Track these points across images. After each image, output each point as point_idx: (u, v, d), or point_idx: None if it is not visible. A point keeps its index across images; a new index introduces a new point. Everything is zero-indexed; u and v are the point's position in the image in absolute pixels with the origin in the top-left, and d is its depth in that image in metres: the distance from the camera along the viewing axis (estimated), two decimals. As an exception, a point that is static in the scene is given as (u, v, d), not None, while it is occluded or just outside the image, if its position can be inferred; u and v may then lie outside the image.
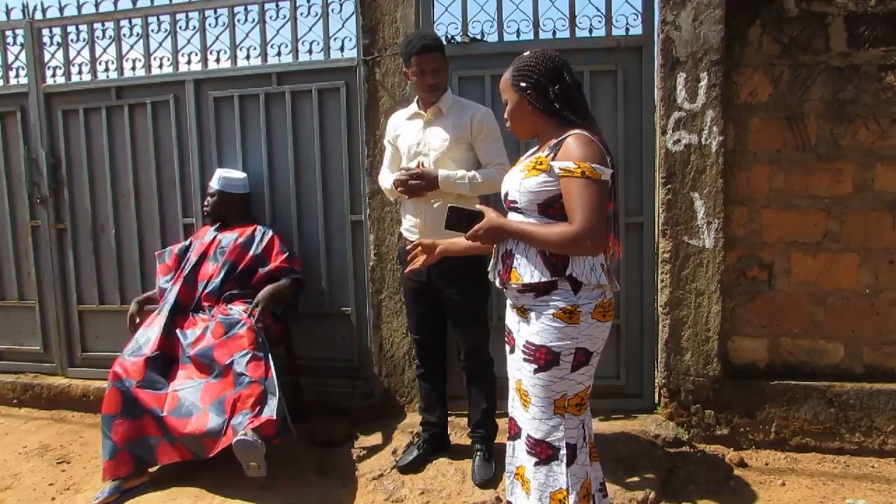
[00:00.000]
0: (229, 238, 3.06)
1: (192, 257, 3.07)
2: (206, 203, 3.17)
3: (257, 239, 3.06)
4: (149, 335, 2.81)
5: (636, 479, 2.49)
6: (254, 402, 2.48)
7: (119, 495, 2.53)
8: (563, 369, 1.73)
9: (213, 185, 3.14)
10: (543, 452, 1.77)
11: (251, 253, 3.02)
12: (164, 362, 2.72)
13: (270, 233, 3.08)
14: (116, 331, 3.46)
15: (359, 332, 3.30)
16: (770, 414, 2.81)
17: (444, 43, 2.97)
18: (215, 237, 3.10)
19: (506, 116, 1.85)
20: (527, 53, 1.80)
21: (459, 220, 1.81)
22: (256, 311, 2.78)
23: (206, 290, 2.96)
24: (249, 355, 2.60)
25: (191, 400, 2.56)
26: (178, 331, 2.81)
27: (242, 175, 3.25)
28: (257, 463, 2.41)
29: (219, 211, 3.13)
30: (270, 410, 2.48)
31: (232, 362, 2.59)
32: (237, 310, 2.85)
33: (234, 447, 2.38)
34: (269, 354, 2.67)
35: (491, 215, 1.79)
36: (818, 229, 2.80)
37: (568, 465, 1.75)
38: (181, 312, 2.92)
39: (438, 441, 2.75)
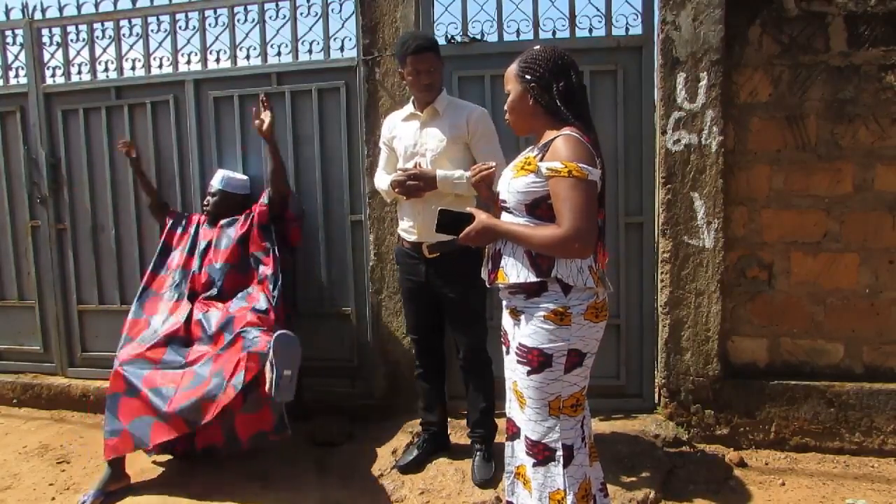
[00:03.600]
0: (234, 225, 3.06)
1: (201, 242, 3.07)
2: (206, 202, 3.16)
3: (249, 213, 3.07)
4: (161, 321, 2.86)
5: (636, 478, 2.49)
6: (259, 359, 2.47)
7: (103, 498, 2.52)
8: (556, 371, 1.72)
9: (216, 184, 3.13)
10: (540, 454, 1.77)
11: (248, 224, 3.03)
12: (184, 344, 2.75)
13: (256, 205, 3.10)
14: (116, 331, 3.42)
15: (359, 332, 3.29)
16: (770, 414, 2.81)
17: (444, 42, 2.98)
18: (218, 225, 3.10)
19: (506, 108, 1.84)
20: (537, 47, 1.79)
21: (450, 222, 1.81)
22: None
23: (221, 277, 2.95)
24: (262, 330, 2.61)
25: (201, 373, 2.56)
26: (199, 314, 2.82)
27: (244, 177, 3.25)
28: (291, 372, 2.35)
29: (219, 210, 3.13)
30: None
31: (242, 332, 2.60)
32: (257, 294, 2.87)
33: (274, 344, 2.38)
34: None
35: (482, 217, 1.79)
36: (818, 229, 2.80)
37: (565, 466, 1.74)
38: (196, 298, 2.94)
39: (438, 441, 2.75)
